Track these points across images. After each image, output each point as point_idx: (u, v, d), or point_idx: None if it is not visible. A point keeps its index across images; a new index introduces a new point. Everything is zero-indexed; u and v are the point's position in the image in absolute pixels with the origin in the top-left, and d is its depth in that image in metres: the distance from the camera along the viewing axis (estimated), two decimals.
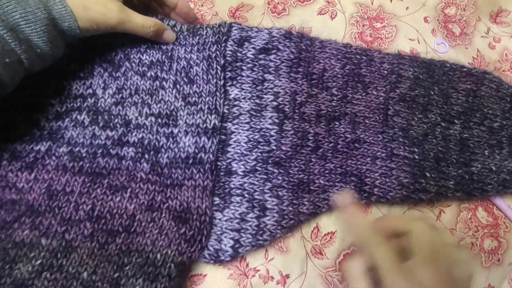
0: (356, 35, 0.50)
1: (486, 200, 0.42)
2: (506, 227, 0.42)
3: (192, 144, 0.38)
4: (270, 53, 0.43)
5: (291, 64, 0.43)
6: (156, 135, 0.38)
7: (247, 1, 0.50)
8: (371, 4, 0.52)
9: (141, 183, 0.36)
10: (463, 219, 0.41)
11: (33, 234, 0.33)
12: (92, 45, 0.40)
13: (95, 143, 0.38)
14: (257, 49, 0.43)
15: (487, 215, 0.42)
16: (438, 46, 0.50)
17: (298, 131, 0.40)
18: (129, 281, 0.32)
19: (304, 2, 0.51)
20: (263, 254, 0.38)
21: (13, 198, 0.35)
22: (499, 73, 0.49)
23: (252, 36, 0.43)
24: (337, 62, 0.44)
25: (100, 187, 0.36)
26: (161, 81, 0.40)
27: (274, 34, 0.44)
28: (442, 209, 0.42)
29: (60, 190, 0.35)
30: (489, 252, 0.40)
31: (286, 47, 0.43)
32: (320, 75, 0.43)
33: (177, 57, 0.41)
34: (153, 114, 0.39)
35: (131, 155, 0.37)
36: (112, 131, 0.38)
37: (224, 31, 0.42)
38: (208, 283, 0.37)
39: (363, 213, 0.38)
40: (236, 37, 0.43)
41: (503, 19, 0.53)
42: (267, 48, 0.43)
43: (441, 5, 0.53)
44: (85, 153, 0.37)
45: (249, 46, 0.43)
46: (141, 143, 0.38)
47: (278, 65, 0.43)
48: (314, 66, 0.44)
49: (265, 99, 0.41)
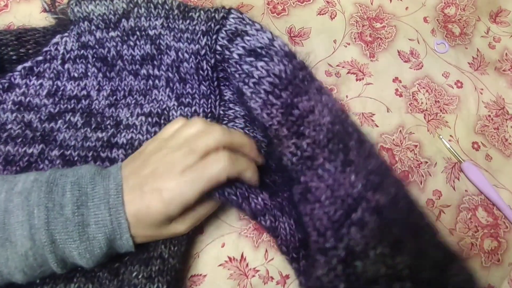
0: (355, 35, 0.50)
1: (486, 199, 0.42)
2: (506, 227, 0.42)
3: None
4: (260, 59, 0.35)
5: (276, 83, 0.34)
6: (146, 135, 0.38)
7: (247, 1, 0.50)
8: (370, 4, 0.52)
9: None
10: (463, 219, 0.41)
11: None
12: (86, 43, 0.39)
13: (85, 145, 0.37)
14: (247, 50, 0.36)
15: (487, 215, 0.42)
16: (437, 46, 0.50)
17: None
18: (128, 268, 0.33)
19: (303, 2, 0.51)
20: (263, 255, 0.38)
21: None
22: (500, 73, 0.49)
23: (248, 33, 0.37)
24: (329, 115, 0.34)
25: None
26: (154, 79, 0.39)
27: (277, 44, 0.36)
28: (442, 209, 0.42)
29: None
30: (489, 252, 0.40)
31: (281, 63, 0.35)
32: (303, 115, 0.34)
33: (166, 47, 0.39)
34: (144, 114, 0.39)
35: (121, 157, 0.37)
36: (102, 132, 0.38)
37: (218, 18, 0.37)
38: (208, 283, 0.37)
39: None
40: (231, 28, 0.37)
41: (502, 19, 0.53)
42: (259, 53, 0.36)
43: (440, 5, 0.53)
44: (76, 156, 0.37)
45: (239, 43, 0.36)
46: (130, 144, 0.37)
47: (261, 78, 0.35)
48: (301, 101, 0.34)
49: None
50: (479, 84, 0.48)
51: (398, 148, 0.44)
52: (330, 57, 0.48)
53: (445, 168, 0.43)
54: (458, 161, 0.44)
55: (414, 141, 0.44)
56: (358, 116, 0.45)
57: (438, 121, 0.46)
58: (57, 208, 0.27)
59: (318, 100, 0.34)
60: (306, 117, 0.33)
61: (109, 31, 0.39)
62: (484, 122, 0.46)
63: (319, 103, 0.34)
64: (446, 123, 0.46)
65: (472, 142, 0.45)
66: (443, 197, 0.42)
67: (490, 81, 0.49)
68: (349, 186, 0.30)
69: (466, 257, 0.35)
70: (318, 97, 0.35)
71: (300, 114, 0.34)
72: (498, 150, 0.45)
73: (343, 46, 0.49)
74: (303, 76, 0.35)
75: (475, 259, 0.40)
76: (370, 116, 0.45)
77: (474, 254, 0.40)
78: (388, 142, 0.44)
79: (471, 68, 0.49)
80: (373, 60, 0.48)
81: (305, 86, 0.35)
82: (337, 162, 0.31)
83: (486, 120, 0.46)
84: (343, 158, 0.32)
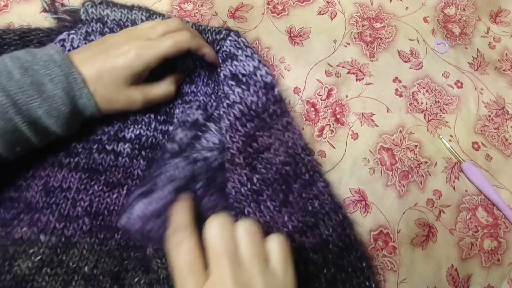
0: (355, 35, 0.50)
1: (486, 199, 0.42)
2: (506, 227, 0.42)
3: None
4: (239, 86, 0.38)
5: (245, 113, 0.37)
6: (154, 131, 0.38)
7: (247, 1, 0.50)
8: (370, 4, 0.52)
9: (137, 180, 0.37)
10: (463, 219, 0.41)
11: (31, 230, 0.33)
12: (93, 41, 0.40)
13: (90, 138, 0.37)
14: (232, 73, 0.39)
15: (487, 215, 0.42)
16: (438, 46, 0.50)
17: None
18: (129, 274, 0.33)
19: (303, 2, 0.51)
20: None
21: (12, 195, 0.35)
22: (500, 73, 0.49)
23: (238, 58, 0.40)
24: (283, 154, 0.37)
25: (97, 184, 0.36)
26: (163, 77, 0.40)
27: (260, 73, 0.39)
28: (442, 209, 0.42)
29: (57, 186, 0.35)
30: (489, 252, 0.40)
31: (255, 94, 0.38)
32: (259, 150, 0.37)
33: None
34: (152, 111, 0.39)
35: (127, 151, 0.37)
36: (108, 126, 0.38)
37: (218, 39, 0.41)
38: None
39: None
40: (226, 50, 0.40)
41: (503, 19, 0.53)
42: (240, 79, 0.39)
43: (440, 5, 0.53)
44: (80, 148, 0.37)
45: (228, 65, 0.39)
46: (138, 139, 0.38)
47: (234, 102, 0.37)
48: (262, 136, 0.37)
49: None
50: (479, 84, 0.48)
51: (398, 148, 0.44)
52: (330, 57, 0.48)
53: (445, 168, 0.43)
54: (458, 161, 0.44)
55: (414, 141, 0.44)
56: (358, 116, 0.45)
57: (438, 121, 0.46)
58: (4, 74, 0.29)
59: (279, 138, 0.38)
60: (262, 153, 0.37)
61: None
62: (484, 122, 0.46)
63: (278, 142, 0.37)
64: (446, 123, 0.46)
65: (472, 142, 0.45)
66: (443, 197, 0.42)
67: (490, 81, 0.49)
68: (280, 226, 0.34)
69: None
70: (280, 135, 0.38)
71: (257, 149, 0.37)
72: (498, 150, 0.45)
73: (343, 46, 0.49)
74: (273, 111, 0.38)
75: (475, 259, 0.40)
76: (370, 116, 0.45)
77: (474, 254, 0.40)
78: (388, 142, 0.44)
79: (471, 68, 0.49)
80: (373, 60, 0.48)
81: (271, 121, 0.38)
82: (277, 202, 0.35)
83: (486, 120, 0.46)
84: (282, 198, 0.35)
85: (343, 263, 0.35)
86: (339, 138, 0.44)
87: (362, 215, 0.40)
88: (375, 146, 0.44)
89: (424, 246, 0.40)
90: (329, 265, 0.35)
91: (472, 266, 0.40)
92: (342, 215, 0.37)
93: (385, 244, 0.40)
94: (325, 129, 0.44)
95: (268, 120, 0.38)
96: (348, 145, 0.43)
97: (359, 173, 0.42)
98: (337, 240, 0.35)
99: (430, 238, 0.40)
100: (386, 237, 0.40)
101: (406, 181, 0.42)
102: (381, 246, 0.39)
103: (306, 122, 0.44)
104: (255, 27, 0.49)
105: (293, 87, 0.46)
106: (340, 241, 0.35)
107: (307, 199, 0.36)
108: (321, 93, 0.46)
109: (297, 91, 0.46)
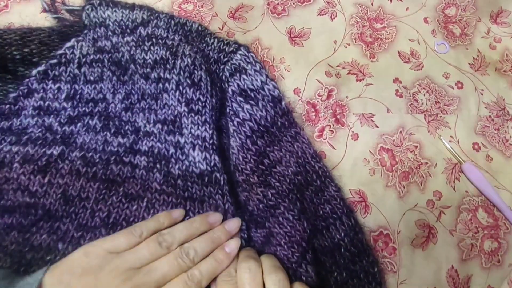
0: (356, 35, 0.49)
1: (486, 200, 0.42)
2: (506, 228, 0.41)
3: (202, 160, 0.37)
4: (247, 102, 0.39)
5: (255, 129, 0.38)
6: (164, 143, 0.38)
7: (247, 2, 0.50)
8: (371, 4, 0.52)
9: (156, 194, 0.36)
10: (463, 220, 0.41)
11: (51, 238, 0.33)
12: (102, 48, 0.40)
13: (107, 150, 0.38)
14: (240, 88, 0.39)
15: (487, 216, 0.42)
16: (438, 47, 0.50)
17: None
18: None
19: (304, 2, 0.51)
20: None
21: (27, 201, 0.35)
22: (500, 74, 0.49)
23: (247, 72, 0.40)
24: (294, 165, 0.38)
25: (116, 195, 0.36)
26: (164, 82, 0.39)
27: (267, 87, 0.40)
28: (442, 210, 0.42)
29: (76, 195, 0.35)
30: (489, 254, 0.40)
31: (264, 109, 0.39)
32: (271, 165, 0.37)
33: (182, 53, 0.40)
34: (159, 121, 0.39)
35: (143, 164, 0.37)
36: (123, 138, 0.38)
37: (228, 51, 0.41)
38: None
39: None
40: (235, 63, 0.40)
41: (503, 20, 0.53)
42: (248, 94, 0.39)
43: (441, 6, 0.53)
44: (98, 159, 0.37)
45: (236, 80, 0.40)
46: (151, 152, 0.38)
47: (244, 120, 0.38)
48: (272, 151, 0.38)
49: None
50: (479, 85, 0.48)
51: (398, 148, 0.44)
52: (330, 57, 0.48)
53: (445, 169, 0.43)
54: (459, 162, 0.44)
55: (414, 142, 0.44)
56: (358, 116, 0.45)
57: (439, 121, 0.46)
58: None
59: (288, 149, 0.38)
60: (274, 167, 0.37)
61: (124, 36, 0.40)
62: (484, 122, 0.46)
63: (288, 154, 0.38)
64: (446, 124, 0.46)
65: (472, 143, 0.45)
66: (444, 198, 0.42)
67: (491, 81, 0.49)
68: (303, 232, 0.34)
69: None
70: (290, 146, 0.39)
71: (269, 164, 0.37)
72: (499, 151, 0.45)
73: (343, 46, 0.49)
74: (281, 123, 0.39)
75: (475, 260, 0.40)
76: (370, 117, 0.45)
77: (474, 255, 0.40)
78: (388, 143, 0.44)
79: (472, 68, 0.49)
80: (374, 60, 0.48)
81: (280, 134, 0.39)
82: (295, 211, 0.35)
83: (486, 120, 0.46)
84: (299, 207, 0.35)
85: (356, 268, 0.35)
86: (339, 139, 0.44)
87: (362, 216, 0.40)
88: (375, 146, 0.44)
89: (424, 247, 0.40)
90: (341, 270, 0.35)
91: (472, 267, 0.40)
92: (354, 219, 0.37)
93: (385, 245, 0.39)
94: (325, 129, 0.44)
95: (277, 133, 0.39)
96: (348, 146, 0.43)
97: (359, 174, 0.42)
98: (349, 245, 0.35)
99: (430, 239, 0.40)
100: (386, 238, 0.40)
101: (406, 182, 0.42)
102: (381, 247, 0.39)
103: (306, 123, 0.44)
104: (255, 27, 0.49)
105: (293, 88, 0.46)
106: (353, 245, 0.36)
107: (318, 204, 0.37)
108: (321, 94, 0.46)
109: (297, 91, 0.46)
